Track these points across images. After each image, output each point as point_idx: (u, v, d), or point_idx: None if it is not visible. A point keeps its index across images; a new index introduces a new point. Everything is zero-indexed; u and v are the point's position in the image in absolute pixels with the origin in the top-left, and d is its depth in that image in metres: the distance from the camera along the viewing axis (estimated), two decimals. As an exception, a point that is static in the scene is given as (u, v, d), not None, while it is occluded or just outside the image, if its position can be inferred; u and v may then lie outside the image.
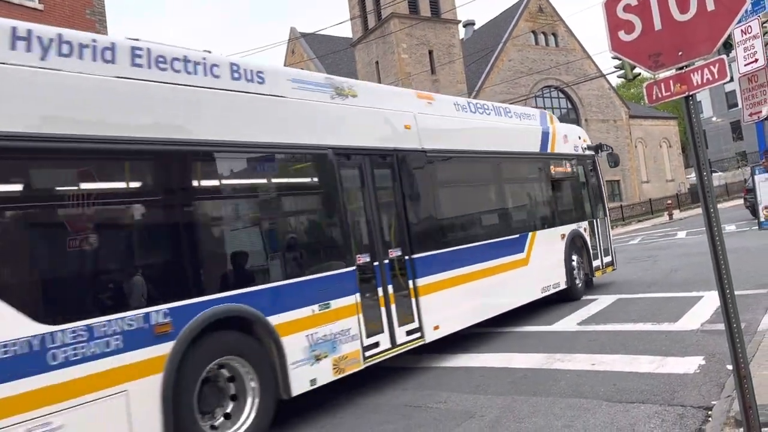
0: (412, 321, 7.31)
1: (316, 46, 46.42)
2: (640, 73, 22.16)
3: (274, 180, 6.36)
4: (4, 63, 4.33)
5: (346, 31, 48.61)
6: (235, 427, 5.28)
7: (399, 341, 7.09)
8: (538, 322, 9.46)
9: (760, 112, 5.90)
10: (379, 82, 37.65)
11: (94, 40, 4.95)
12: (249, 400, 5.42)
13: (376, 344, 6.80)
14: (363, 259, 6.80)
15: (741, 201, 27.88)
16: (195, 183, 5.54)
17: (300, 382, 5.82)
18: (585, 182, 12.00)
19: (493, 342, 8.59)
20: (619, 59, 20.10)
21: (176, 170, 5.34)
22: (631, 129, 50.17)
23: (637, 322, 8.38)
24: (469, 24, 54.05)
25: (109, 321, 4.49)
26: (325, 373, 6.13)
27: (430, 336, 7.52)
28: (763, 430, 3.77)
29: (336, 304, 6.30)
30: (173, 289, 4.99)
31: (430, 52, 37.07)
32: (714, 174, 52.28)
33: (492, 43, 44.85)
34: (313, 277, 6.15)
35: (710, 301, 8.77)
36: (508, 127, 10.27)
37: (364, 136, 7.23)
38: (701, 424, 4.53)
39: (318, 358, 6.03)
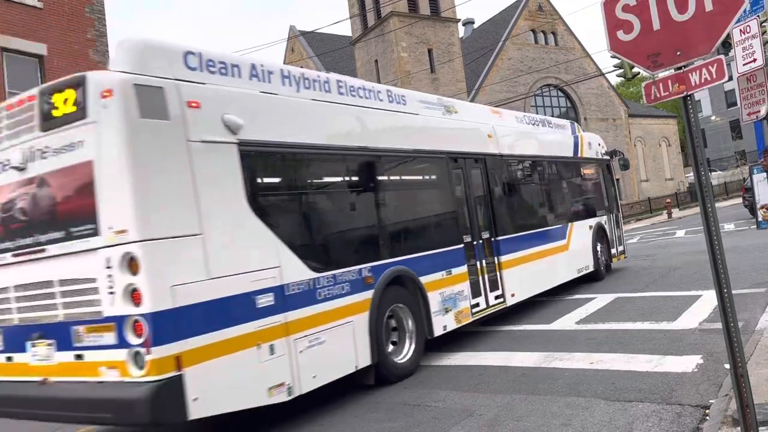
0: (498, 289, 9.24)
1: (315, 45, 46.39)
2: (639, 72, 22.16)
3: (418, 178, 8.50)
4: (277, 94, 6.35)
5: (345, 29, 48.66)
6: (402, 354, 7.29)
7: (491, 303, 9.03)
8: (536, 321, 9.48)
9: (759, 111, 5.91)
10: (379, 80, 37.64)
11: (318, 76, 7.11)
12: (408, 336, 7.43)
13: (478, 304, 8.75)
14: (467, 239, 8.71)
15: (740, 200, 27.92)
16: (380, 178, 7.51)
17: (437, 327, 7.77)
18: (604, 182, 14.02)
19: (492, 341, 8.61)
20: (619, 59, 20.09)
21: (368, 169, 7.33)
22: (631, 128, 50.18)
23: (635, 321, 8.40)
24: (468, 23, 54.02)
25: (343, 273, 6.47)
26: (450, 322, 8.09)
27: (509, 301, 9.42)
28: (760, 428, 3.78)
29: (454, 271, 8.29)
30: (373, 253, 7.04)
31: (430, 51, 37.07)
32: (713, 173, 52.33)
33: (491, 41, 44.83)
34: (442, 251, 8.16)
35: (708, 300, 8.79)
36: (552, 136, 12.43)
37: (464, 144, 9.22)
38: (699, 422, 4.55)
39: (446, 311, 8.00)
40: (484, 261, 9.02)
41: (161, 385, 4.57)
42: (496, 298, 9.17)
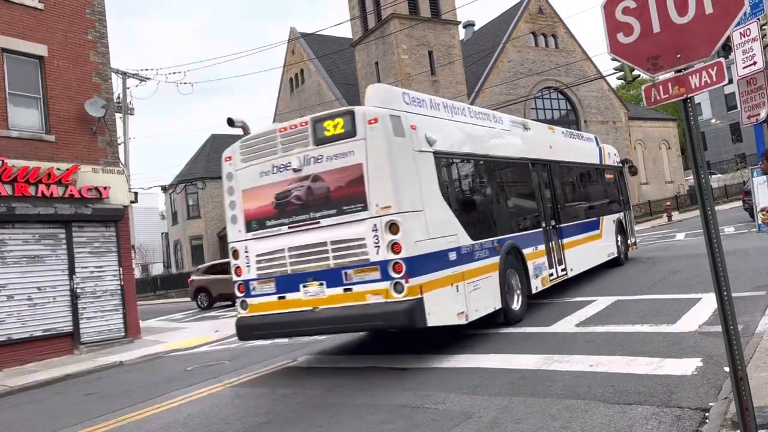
0: (562, 264, 12.04)
1: (315, 47, 46.42)
2: (639, 75, 22.16)
3: (517, 177, 11.45)
4: (446, 119, 9.36)
5: (346, 31, 48.67)
6: (515, 304, 9.83)
7: (559, 274, 11.81)
8: (536, 324, 9.47)
9: (759, 114, 5.90)
10: (379, 82, 37.66)
11: (462, 107, 10.13)
12: (517, 292, 9.97)
13: (552, 274, 11.48)
14: (543, 225, 11.61)
15: (740, 203, 27.91)
16: (498, 178, 10.66)
17: (533, 287, 10.53)
18: (620, 184, 17.19)
19: (491, 343, 8.60)
20: (619, 61, 20.11)
21: (493, 170, 10.44)
22: (631, 131, 50.17)
23: (635, 323, 8.39)
24: (469, 25, 54.05)
25: (485, 242, 9.24)
26: (539, 285, 10.79)
27: (569, 274, 12.32)
28: (759, 431, 3.77)
29: (539, 248, 11.15)
30: (499, 230, 9.89)
31: (430, 53, 37.08)
32: (713, 176, 52.29)
33: (492, 44, 44.85)
34: (532, 232, 11.10)
35: (708, 302, 8.78)
36: (586, 146, 15.59)
37: (537, 153, 12.16)
38: (698, 425, 4.54)
39: (536, 276, 10.72)
40: (553, 242, 11.78)
41: (414, 302, 7.33)
42: (562, 270, 11.93)
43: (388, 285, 7.36)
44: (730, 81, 4.92)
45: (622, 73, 22.36)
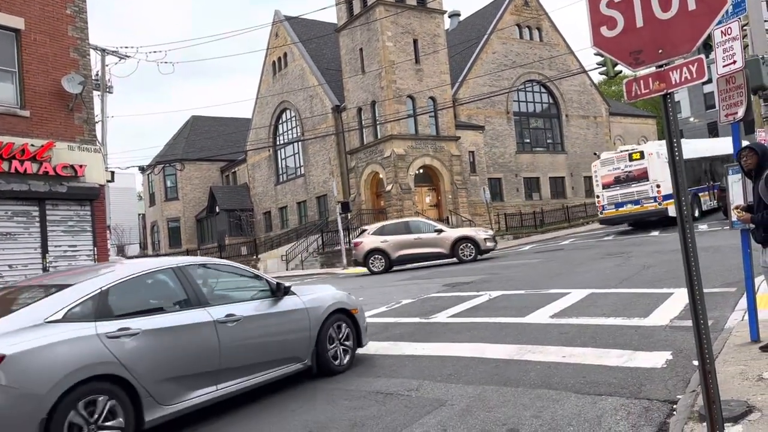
0: None
1: (299, 30, 45.98)
2: (621, 71, 22.33)
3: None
4: None
5: (330, 16, 48.20)
6: None
7: None
8: (511, 314, 9.55)
9: (736, 113, 5.97)
10: (363, 69, 37.47)
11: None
12: None
13: None
14: None
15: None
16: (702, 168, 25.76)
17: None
18: None
19: (466, 332, 8.66)
20: (601, 55, 20.22)
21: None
22: (611, 126, 50.64)
23: (608, 316, 8.50)
24: (454, 15, 53.94)
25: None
26: None
27: None
28: (725, 424, 3.85)
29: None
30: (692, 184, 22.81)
31: (415, 41, 36.94)
32: (689, 173, 52.90)
33: (477, 34, 44.82)
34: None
35: (680, 297, 8.92)
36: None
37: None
38: (666, 417, 4.62)
39: None
40: None
41: (665, 208, 22.92)
42: None
43: (656, 203, 22.99)
44: (710, 80, 4.97)
45: (604, 68, 22.45)
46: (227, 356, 5.94)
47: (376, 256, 22.38)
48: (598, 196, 25.64)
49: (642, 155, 23.93)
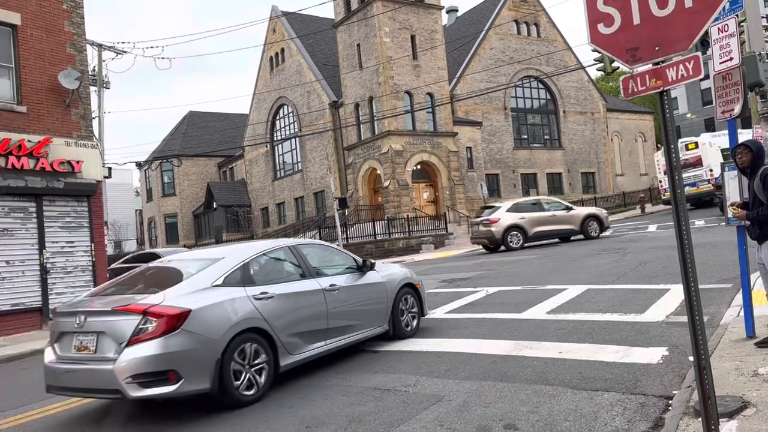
0: None
1: (297, 26, 45.90)
2: (618, 67, 22.31)
3: None
4: None
5: (328, 11, 48.12)
6: None
7: None
8: (508, 310, 9.58)
9: (733, 110, 5.98)
10: (360, 65, 37.42)
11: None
12: None
13: None
14: None
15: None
16: None
17: None
18: None
19: (463, 328, 8.68)
20: (599, 52, 20.19)
21: None
22: (608, 122, 50.67)
23: (604, 312, 8.52)
24: (452, 10, 53.88)
25: None
26: None
27: None
28: (720, 420, 3.87)
29: None
30: None
31: (413, 37, 36.89)
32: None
33: (474, 30, 44.78)
34: None
35: (676, 293, 8.95)
36: None
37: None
38: (661, 413, 4.64)
39: None
40: None
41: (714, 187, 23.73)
42: None
43: (709, 184, 26.65)
44: (707, 76, 4.97)
45: (601, 64, 22.48)
46: (332, 318, 7.28)
47: (514, 232, 22.31)
48: (660, 181, 32.43)
49: (696, 145, 28.62)
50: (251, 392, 6.11)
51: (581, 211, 23.28)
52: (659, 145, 37.79)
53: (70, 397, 6.67)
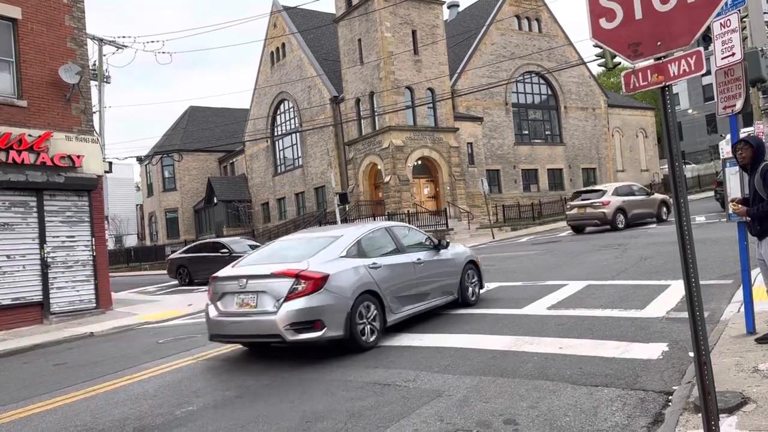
0: None
1: (298, 21, 45.78)
2: (620, 62, 22.29)
3: None
4: None
5: (329, 6, 47.97)
6: None
7: None
8: (508, 306, 9.59)
9: (734, 105, 5.97)
10: (361, 60, 37.35)
11: None
12: None
13: None
14: None
15: (712, 193, 28.41)
16: None
17: None
18: None
19: (463, 323, 8.69)
20: (600, 47, 20.17)
21: None
22: (609, 118, 50.59)
23: (605, 308, 8.53)
24: (453, 5, 53.73)
25: None
26: None
27: None
28: (720, 415, 3.87)
29: None
30: None
31: (414, 32, 36.80)
32: (687, 166, 53.09)
33: (475, 25, 44.67)
34: None
35: (677, 289, 8.95)
36: None
37: None
38: (661, 408, 4.65)
39: None
40: None
41: None
42: None
43: None
44: (708, 72, 4.96)
45: (603, 59, 22.42)
46: (419, 286, 8.92)
47: (619, 214, 23.79)
48: (717, 173, 31.96)
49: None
50: (371, 339, 7.76)
51: (658, 196, 25.52)
52: (722, 135, 37.42)
53: (233, 343, 8.53)
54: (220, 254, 21.30)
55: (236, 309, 7.60)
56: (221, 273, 8.11)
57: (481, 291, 10.57)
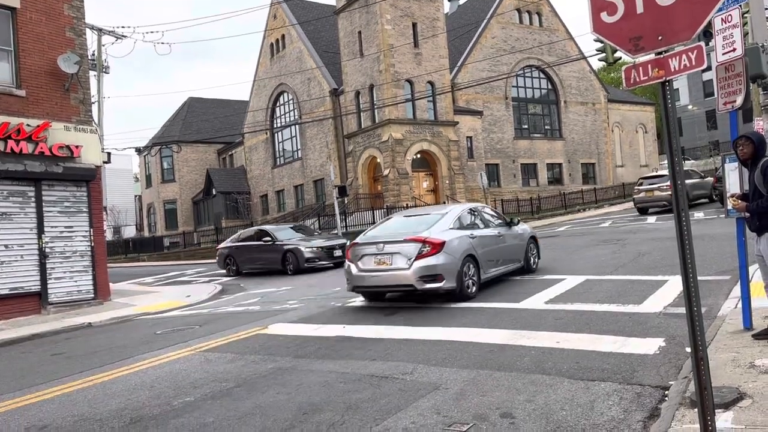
0: None
1: (298, 12, 45.63)
2: (620, 57, 22.24)
3: None
4: None
5: (329, -2, 47.79)
6: None
7: None
8: (506, 300, 9.60)
9: (735, 101, 5.96)
10: (361, 52, 37.25)
11: None
12: None
13: None
14: None
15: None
16: None
17: None
18: None
19: (461, 317, 8.70)
20: (601, 41, 20.15)
21: None
22: (609, 113, 50.55)
23: (602, 302, 8.54)
24: (454, -2, 53.57)
25: None
26: None
27: None
28: (716, 410, 3.89)
29: None
30: None
31: (414, 25, 36.69)
32: (686, 161, 53.04)
33: (476, 18, 44.55)
34: None
35: (674, 285, 8.96)
36: None
37: None
38: (657, 403, 4.66)
39: None
40: None
41: None
42: None
43: None
44: (709, 68, 4.95)
45: (604, 54, 22.37)
46: (500, 253, 11.27)
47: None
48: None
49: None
50: (473, 290, 10.06)
51: (709, 179, 27.18)
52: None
53: (372, 292, 10.72)
54: (263, 243, 20.88)
55: (374, 266, 9.97)
56: (359, 239, 10.51)
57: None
